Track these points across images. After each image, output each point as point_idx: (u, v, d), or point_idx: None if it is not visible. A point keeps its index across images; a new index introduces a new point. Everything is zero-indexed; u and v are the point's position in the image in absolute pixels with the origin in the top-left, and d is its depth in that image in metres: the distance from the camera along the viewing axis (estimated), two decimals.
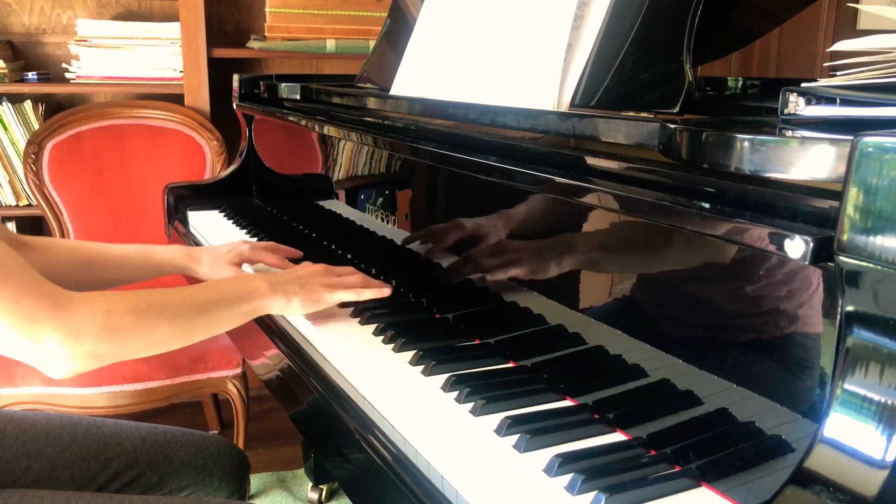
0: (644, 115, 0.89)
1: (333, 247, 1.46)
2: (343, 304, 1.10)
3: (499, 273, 0.99)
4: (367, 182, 1.34)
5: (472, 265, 1.04)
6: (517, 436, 0.75)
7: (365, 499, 0.91)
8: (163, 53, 2.37)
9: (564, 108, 1.01)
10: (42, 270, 1.13)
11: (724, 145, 0.68)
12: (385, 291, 1.09)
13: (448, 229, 1.10)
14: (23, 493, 0.98)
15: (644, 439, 0.75)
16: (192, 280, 1.28)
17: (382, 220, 1.26)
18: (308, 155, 1.58)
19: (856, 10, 2.73)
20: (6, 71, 2.27)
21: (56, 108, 2.44)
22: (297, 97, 1.64)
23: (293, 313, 1.06)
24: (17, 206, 2.40)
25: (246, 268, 1.29)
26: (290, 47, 2.43)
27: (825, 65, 0.79)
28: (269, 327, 1.16)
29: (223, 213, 1.80)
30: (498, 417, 0.79)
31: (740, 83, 1.32)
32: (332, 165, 1.46)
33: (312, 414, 1.03)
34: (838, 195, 0.56)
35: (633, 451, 0.74)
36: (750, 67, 2.84)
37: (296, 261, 1.33)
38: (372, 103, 1.35)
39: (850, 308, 0.57)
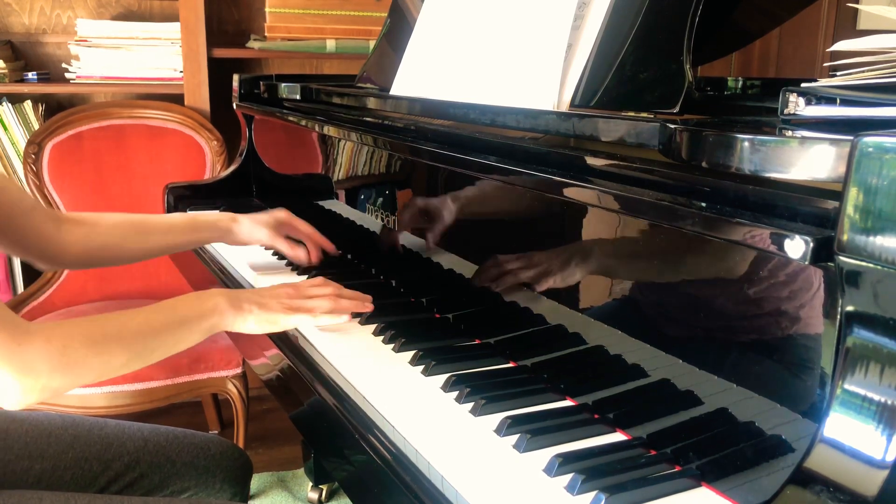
0: (644, 115, 0.89)
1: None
2: None
3: (500, 274, 0.99)
4: (367, 182, 1.34)
5: (473, 266, 1.04)
6: (517, 436, 0.75)
7: (365, 499, 0.91)
8: (163, 53, 2.37)
9: (564, 108, 1.01)
10: (90, 243, 1.21)
11: (724, 145, 0.68)
12: (343, 317, 1.06)
13: (447, 232, 1.10)
14: (23, 494, 0.98)
15: (644, 439, 0.75)
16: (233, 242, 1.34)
17: (382, 220, 1.26)
18: (308, 155, 1.58)
19: (856, 10, 2.73)
20: (6, 71, 2.28)
21: (56, 108, 2.45)
22: (297, 97, 1.64)
23: (249, 331, 1.04)
24: None
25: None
26: (290, 47, 2.43)
27: (825, 65, 0.79)
28: None
29: None
30: (498, 417, 0.79)
31: (740, 83, 1.32)
32: (332, 165, 1.46)
33: (312, 414, 1.03)
34: (838, 195, 0.56)
35: (633, 451, 0.74)
36: (750, 67, 2.84)
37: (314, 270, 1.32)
38: (372, 103, 1.35)
39: (850, 308, 0.57)
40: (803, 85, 0.73)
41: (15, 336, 0.81)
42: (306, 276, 1.30)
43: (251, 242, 1.34)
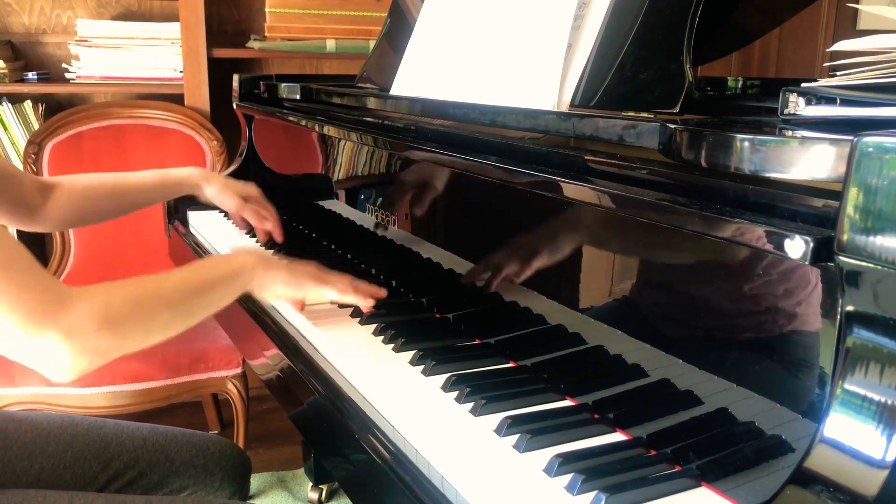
0: (644, 115, 0.89)
1: (333, 247, 1.46)
2: (342, 305, 1.10)
3: (499, 273, 0.99)
4: (367, 182, 1.34)
5: (473, 266, 1.04)
6: (517, 436, 0.75)
7: (365, 499, 0.91)
8: (163, 53, 2.37)
9: (564, 108, 1.01)
10: (69, 209, 1.30)
11: (724, 145, 0.68)
12: (370, 302, 1.07)
13: (447, 232, 1.10)
14: (25, 493, 0.98)
15: (644, 439, 0.75)
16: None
17: (382, 220, 1.26)
18: (308, 155, 1.58)
19: (856, 10, 2.73)
20: (6, 71, 2.28)
21: (56, 108, 2.45)
22: (297, 97, 1.64)
23: (276, 292, 1.04)
24: None
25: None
26: (290, 47, 2.43)
27: (825, 65, 0.79)
28: (269, 327, 1.16)
29: (223, 214, 1.80)
30: (498, 417, 0.79)
31: (740, 83, 1.32)
32: (332, 165, 1.46)
33: (312, 414, 1.03)
34: (838, 195, 0.56)
35: (634, 450, 0.74)
36: (750, 67, 2.84)
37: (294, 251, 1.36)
38: (372, 103, 1.35)
39: (850, 308, 0.57)
40: (803, 85, 0.73)
41: (60, 298, 0.80)
42: None
43: (219, 205, 1.44)
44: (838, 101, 0.71)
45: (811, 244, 0.58)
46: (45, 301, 0.79)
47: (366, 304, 1.07)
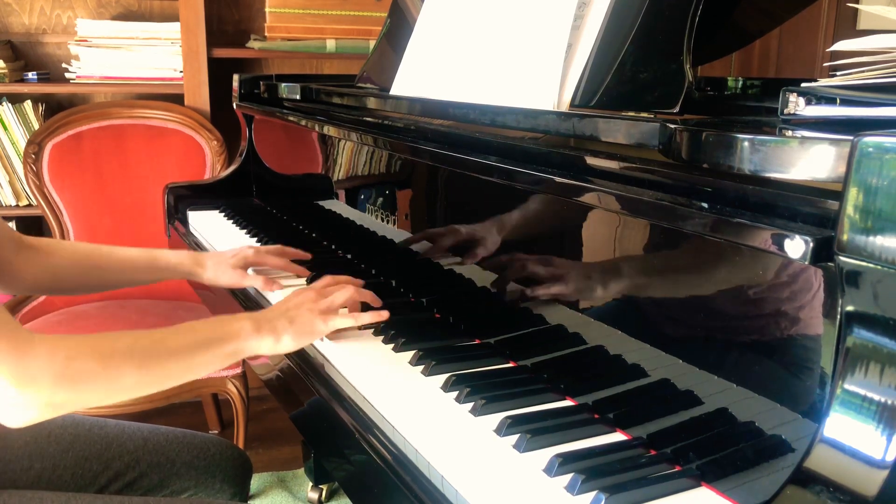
0: (644, 115, 0.89)
1: (333, 247, 1.46)
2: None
3: (499, 273, 0.99)
4: (367, 182, 1.34)
5: (472, 266, 1.04)
6: (517, 436, 0.75)
7: (365, 499, 0.91)
8: (163, 53, 2.37)
9: (564, 108, 1.01)
10: (45, 272, 1.16)
11: (724, 145, 0.68)
12: (383, 315, 1.03)
13: (447, 232, 1.10)
14: (22, 494, 0.98)
15: (644, 439, 0.75)
16: (198, 286, 1.27)
17: (382, 220, 1.26)
18: (308, 155, 1.58)
19: (856, 10, 2.73)
20: (6, 71, 2.27)
21: (56, 108, 2.45)
22: (297, 97, 1.64)
23: (285, 350, 0.99)
24: (17, 206, 2.40)
25: (250, 272, 1.28)
26: (290, 47, 2.43)
27: (825, 65, 0.79)
28: None
29: (223, 213, 1.80)
30: (498, 417, 0.79)
31: (740, 83, 1.32)
32: (332, 165, 1.47)
33: (312, 414, 1.03)
34: (838, 195, 0.56)
35: (633, 450, 0.74)
36: (750, 67, 2.84)
37: (305, 264, 1.31)
38: (372, 103, 1.35)
39: (850, 308, 0.57)
40: (803, 85, 0.73)
41: (17, 345, 0.77)
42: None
43: (218, 286, 1.29)
44: (838, 101, 0.71)
45: (811, 244, 0.58)
46: (2, 347, 0.76)
47: (381, 317, 1.03)
